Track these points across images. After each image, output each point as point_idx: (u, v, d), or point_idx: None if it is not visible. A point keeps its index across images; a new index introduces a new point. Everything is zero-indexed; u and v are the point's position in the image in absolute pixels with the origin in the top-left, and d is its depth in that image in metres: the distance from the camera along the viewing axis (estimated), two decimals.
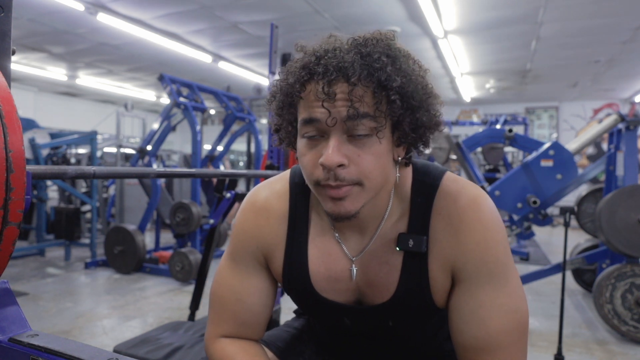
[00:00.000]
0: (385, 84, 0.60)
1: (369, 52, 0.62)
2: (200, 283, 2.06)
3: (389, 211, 0.72)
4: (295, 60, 0.66)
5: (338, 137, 0.61)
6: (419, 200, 0.71)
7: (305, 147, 0.65)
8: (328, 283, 0.74)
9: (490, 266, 0.66)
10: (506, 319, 0.65)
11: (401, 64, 0.63)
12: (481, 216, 0.67)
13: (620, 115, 2.93)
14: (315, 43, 0.66)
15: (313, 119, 0.62)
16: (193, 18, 5.04)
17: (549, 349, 2.45)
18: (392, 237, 0.72)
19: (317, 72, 0.61)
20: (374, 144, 0.62)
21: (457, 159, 3.74)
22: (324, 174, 0.62)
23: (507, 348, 0.65)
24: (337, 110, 0.60)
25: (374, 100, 0.61)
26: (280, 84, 0.68)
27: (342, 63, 0.60)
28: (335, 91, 0.60)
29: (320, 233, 0.76)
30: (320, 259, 0.75)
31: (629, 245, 2.56)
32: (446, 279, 0.69)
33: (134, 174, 1.01)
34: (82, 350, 0.63)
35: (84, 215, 5.45)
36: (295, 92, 0.64)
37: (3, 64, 0.73)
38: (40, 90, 9.50)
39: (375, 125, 0.61)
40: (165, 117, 4.27)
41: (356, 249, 0.74)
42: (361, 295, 0.75)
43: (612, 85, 8.12)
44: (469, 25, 5.04)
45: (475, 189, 0.71)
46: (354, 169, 0.62)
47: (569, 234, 2.17)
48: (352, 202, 0.64)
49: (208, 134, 11.10)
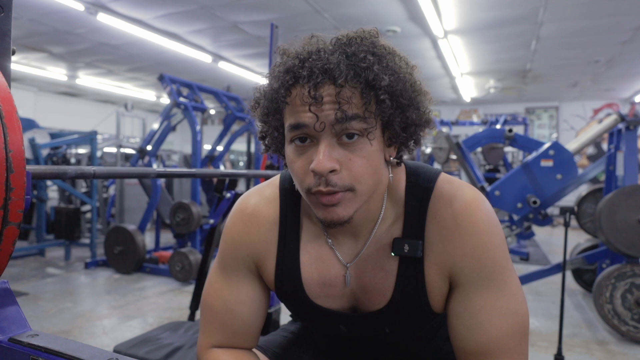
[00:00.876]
0: (374, 84, 0.59)
1: (354, 51, 0.60)
2: (200, 283, 2.06)
3: (382, 215, 0.70)
4: (279, 64, 0.64)
5: (328, 141, 0.59)
6: (414, 203, 0.70)
7: (294, 153, 0.63)
8: (321, 290, 0.73)
9: (488, 270, 0.65)
10: (507, 322, 0.64)
11: (387, 61, 0.61)
12: (477, 219, 0.66)
13: (620, 115, 2.93)
14: (298, 45, 0.64)
15: (300, 124, 0.60)
16: (193, 18, 5.03)
17: (549, 349, 2.45)
18: (387, 242, 0.70)
19: (302, 76, 0.59)
20: (365, 146, 0.61)
21: (457, 159, 3.74)
22: (315, 180, 0.60)
23: (509, 351, 0.64)
24: (325, 114, 0.58)
25: (363, 100, 0.59)
26: (264, 89, 0.66)
27: (327, 65, 0.58)
28: (322, 94, 0.58)
29: (312, 239, 0.74)
30: (313, 265, 0.73)
31: (629, 245, 2.55)
32: (443, 284, 0.68)
33: (134, 174, 1.01)
34: (82, 350, 0.63)
35: (84, 215, 5.45)
36: (280, 97, 0.62)
37: (3, 64, 0.73)
38: (40, 90, 9.50)
39: (366, 127, 0.60)
40: (165, 117, 4.27)
41: (350, 254, 0.72)
42: (356, 302, 0.73)
43: (612, 85, 8.12)
44: (469, 25, 5.04)
45: (471, 190, 0.69)
46: (346, 173, 0.60)
47: (569, 234, 2.17)
48: (345, 209, 0.62)
49: (208, 134, 11.10)
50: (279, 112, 0.65)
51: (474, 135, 3.66)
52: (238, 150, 11.30)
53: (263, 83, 0.67)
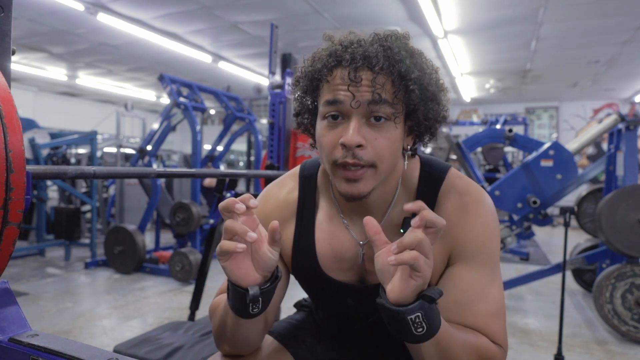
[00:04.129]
0: (405, 75, 0.67)
1: (390, 45, 0.68)
2: (200, 283, 2.06)
3: (396, 197, 0.78)
4: (322, 50, 0.72)
5: (358, 119, 0.67)
6: (425, 189, 0.77)
7: (325, 128, 0.70)
8: (334, 263, 0.79)
9: (485, 256, 0.72)
10: (493, 307, 0.70)
11: (417, 59, 0.70)
12: (484, 211, 0.75)
13: (620, 115, 2.93)
14: (340, 35, 0.73)
15: (337, 100, 0.68)
16: (193, 18, 5.04)
17: (549, 349, 2.45)
18: (398, 223, 0.77)
19: (344, 59, 0.67)
20: (390, 128, 0.68)
21: (457, 159, 3.74)
22: (343, 153, 0.67)
23: (492, 332, 0.70)
24: (361, 94, 0.66)
25: (394, 89, 0.67)
26: (306, 69, 0.73)
27: (367, 52, 0.66)
28: (360, 77, 0.66)
29: (327, 218, 0.81)
30: (327, 241, 0.80)
31: (629, 245, 2.55)
32: (442, 263, 0.74)
33: (134, 174, 1.01)
34: (82, 350, 0.63)
35: (84, 215, 5.45)
36: (322, 76, 0.70)
37: (3, 64, 0.73)
38: (40, 90, 9.50)
39: (393, 112, 0.67)
40: (165, 117, 4.27)
41: (363, 233, 0.78)
42: (365, 274, 0.79)
43: (612, 85, 8.12)
44: (469, 25, 5.04)
45: (477, 187, 0.77)
46: (371, 150, 0.67)
47: (569, 234, 2.17)
48: (365, 184, 0.69)
49: (208, 134, 11.10)
50: (316, 90, 0.73)
51: (474, 135, 3.66)
52: (238, 150, 11.30)
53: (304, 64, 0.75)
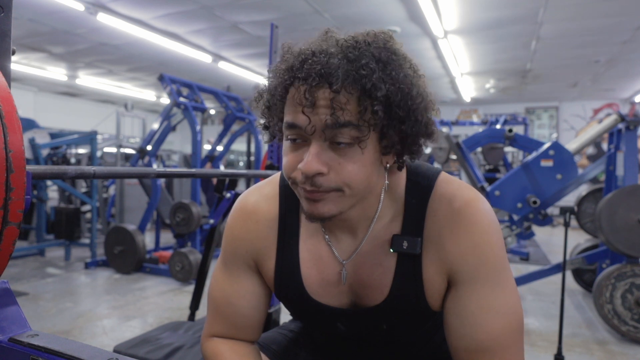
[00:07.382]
0: (370, 93, 0.57)
1: (357, 56, 0.58)
2: (200, 283, 2.06)
3: (379, 212, 0.70)
4: (281, 61, 0.64)
5: (319, 144, 0.59)
6: (413, 201, 0.70)
7: (288, 148, 0.64)
8: (321, 287, 0.73)
9: (487, 268, 0.65)
10: (505, 320, 0.65)
11: (392, 70, 0.58)
12: (477, 218, 0.66)
13: (620, 115, 2.92)
14: (307, 42, 0.63)
15: (293, 124, 0.60)
16: (193, 18, 5.04)
17: (549, 349, 2.45)
18: (386, 239, 0.70)
19: (298, 77, 0.59)
20: (356, 152, 0.60)
21: (457, 159, 3.74)
22: (302, 178, 0.61)
23: (507, 348, 0.65)
24: (318, 117, 0.58)
25: (359, 108, 0.57)
26: (267, 84, 0.67)
27: (325, 68, 0.57)
28: (316, 98, 0.57)
29: (311, 235, 0.74)
30: (312, 262, 0.74)
31: (629, 245, 2.55)
32: (442, 282, 0.68)
33: (134, 174, 1.01)
34: (82, 350, 0.63)
35: (84, 215, 5.45)
36: (277, 94, 0.63)
37: (3, 64, 0.73)
38: (40, 90, 9.49)
39: (358, 135, 0.58)
40: (165, 117, 4.27)
41: (347, 251, 0.73)
42: (355, 297, 0.74)
43: (612, 85, 8.12)
44: (469, 25, 5.04)
45: (470, 190, 0.69)
46: (334, 176, 0.60)
47: (569, 234, 2.17)
48: (328, 206, 0.62)
49: (208, 134, 11.10)
50: (279, 106, 0.66)
51: (474, 135, 3.66)
52: (238, 150, 11.30)
53: (266, 78, 0.68)
